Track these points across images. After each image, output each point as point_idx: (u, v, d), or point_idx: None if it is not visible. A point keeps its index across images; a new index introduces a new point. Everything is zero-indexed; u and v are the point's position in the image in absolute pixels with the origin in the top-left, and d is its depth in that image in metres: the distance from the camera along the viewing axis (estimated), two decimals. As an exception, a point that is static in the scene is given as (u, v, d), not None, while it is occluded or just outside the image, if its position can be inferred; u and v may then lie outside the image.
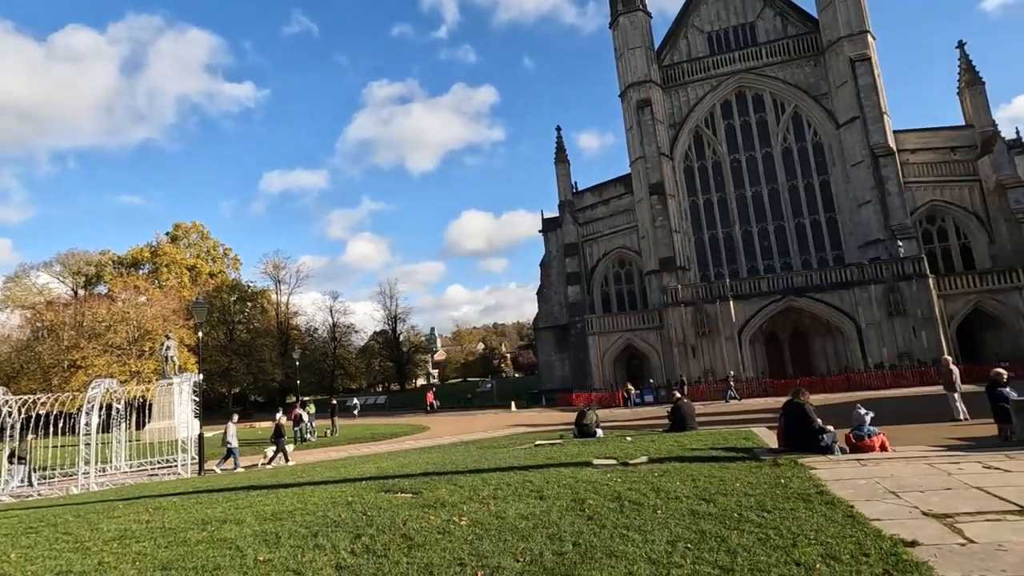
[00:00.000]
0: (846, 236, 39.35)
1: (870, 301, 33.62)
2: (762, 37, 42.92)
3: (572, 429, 14.01)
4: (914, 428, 15.86)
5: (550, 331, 46.97)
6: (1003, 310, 33.95)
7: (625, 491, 6.08)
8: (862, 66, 37.79)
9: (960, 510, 4.53)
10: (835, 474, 6.10)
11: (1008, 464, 5.80)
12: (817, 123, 40.69)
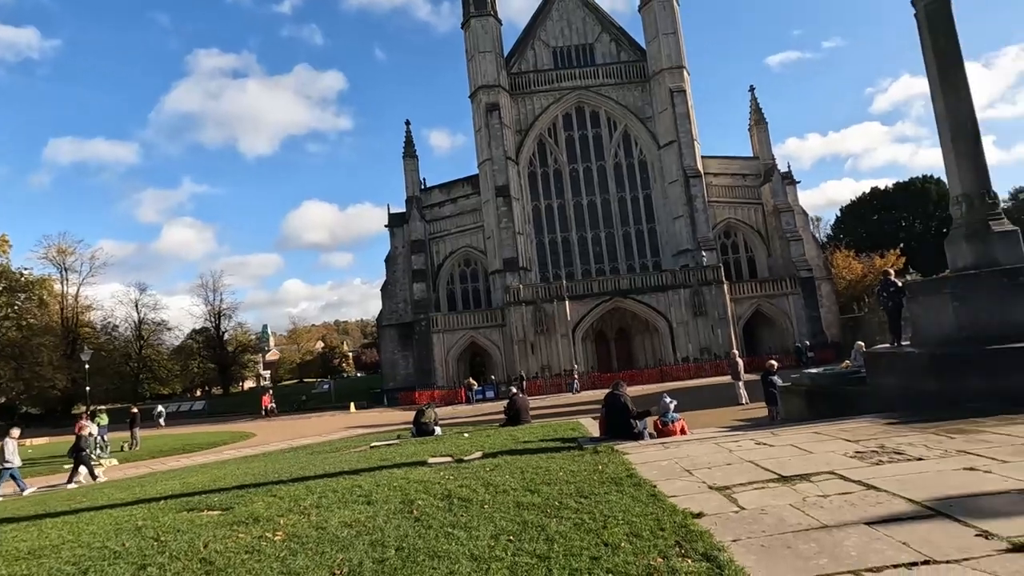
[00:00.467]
0: (663, 245, 44.50)
1: (680, 303, 38.41)
2: (599, 59, 46.68)
3: (411, 428, 13.78)
4: (710, 412, 18.40)
5: (394, 329, 45.96)
6: (775, 312, 41.18)
7: (456, 488, 6.07)
8: (679, 96, 43.04)
9: (736, 482, 5.28)
10: (643, 457, 6.76)
11: (772, 440, 6.93)
12: (643, 143, 45.40)
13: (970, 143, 9.27)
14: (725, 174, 45.42)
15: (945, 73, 9.32)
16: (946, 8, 9.39)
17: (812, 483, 5.00)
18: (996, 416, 6.90)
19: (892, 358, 9.40)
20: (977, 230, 9.04)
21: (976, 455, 5.27)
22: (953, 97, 9.32)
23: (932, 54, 9.51)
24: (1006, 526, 3.58)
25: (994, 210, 9.16)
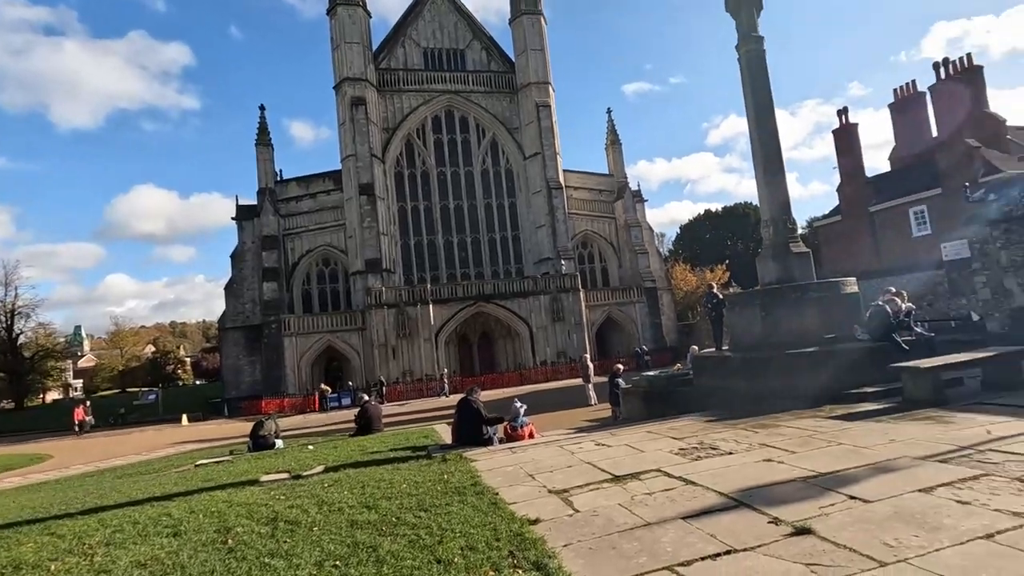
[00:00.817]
0: (526, 252, 45.99)
1: (540, 308, 39.92)
2: (470, 65, 47.08)
3: (248, 443, 12.47)
4: (563, 414, 19.22)
5: (240, 331, 41.84)
6: (624, 318, 44.60)
7: (285, 510, 5.50)
8: (544, 111, 44.91)
9: (575, 484, 5.42)
10: (491, 464, 6.72)
11: (610, 441, 7.30)
12: (510, 152, 46.60)
13: (777, 176, 10.74)
14: (584, 188, 48.31)
15: (759, 112, 10.70)
16: (762, 56, 10.81)
17: (641, 481, 5.29)
18: (791, 411, 7.97)
19: (712, 361, 10.53)
20: (780, 251, 10.48)
21: (773, 447, 5.99)
22: (766, 134, 10.73)
23: (750, 94, 10.88)
24: (791, 511, 4.05)
25: (793, 234, 10.70)
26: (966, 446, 5.25)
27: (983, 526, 3.47)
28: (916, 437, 5.79)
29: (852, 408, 7.76)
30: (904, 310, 9.96)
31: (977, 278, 17.17)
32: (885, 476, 4.64)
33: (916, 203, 31.08)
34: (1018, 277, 15.79)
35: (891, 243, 32.88)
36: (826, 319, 9.60)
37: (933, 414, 6.83)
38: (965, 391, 8.14)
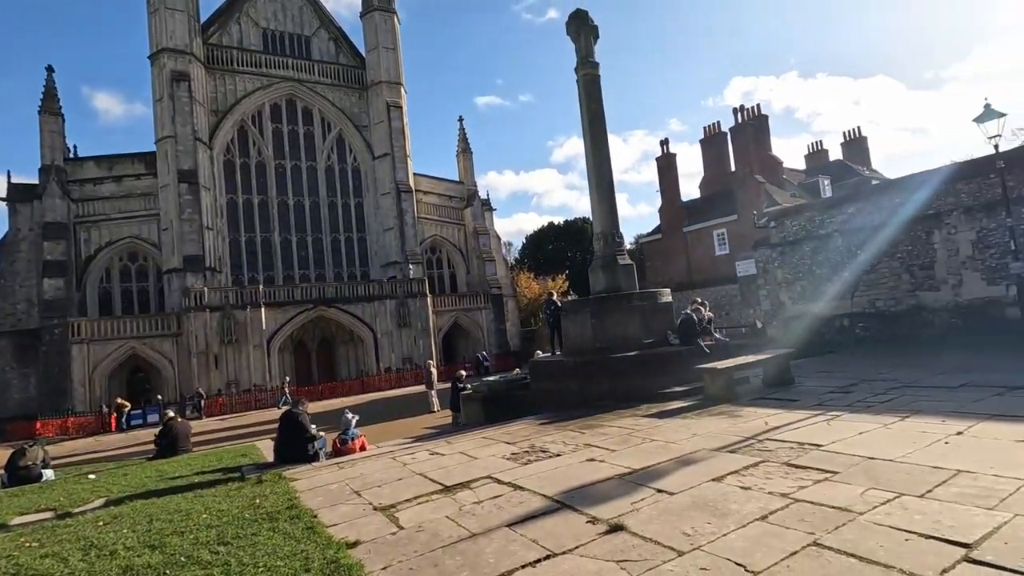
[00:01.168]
0: (373, 256, 44.38)
1: (386, 314, 38.72)
2: (316, 55, 44.32)
3: (1, 476, 10.02)
4: (403, 422, 18.70)
5: (8, 337, 34.13)
6: (471, 324, 45.19)
7: (34, 561, 4.40)
8: (395, 112, 43.90)
9: (403, 498, 5.14)
10: (313, 483, 6.15)
11: (445, 449, 7.14)
12: (358, 150, 44.69)
13: (608, 192, 11.60)
14: (434, 193, 48.12)
15: (594, 131, 11.47)
16: (597, 80, 11.61)
17: (471, 490, 5.19)
18: (614, 411, 8.56)
19: (548, 365, 10.98)
20: (609, 262, 11.30)
21: (596, 447, 6.32)
22: (599, 153, 11.53)
23: (586, 114, 11.62)
24: (608, 509, 4.23)
25: (621, 248, 11.62)
26: (749, 437, 6.02)
27: (760, 509, 3.94)
28: (712, 431, 6.52)
29: (665, 406, 8.58)
30: (707, 318, 11.36)
31: (761, 292, 20.42)
32: (687, 468, 5.10)
33: (718, 226, 36.17)
34: (790, 291, 19.08)
35: (700, 260, 37.81)
36: (646, 325, 10.56)
37: (727, 409, 7.80)
38: (751, 388, 9.48)
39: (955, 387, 7.65)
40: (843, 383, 8.98)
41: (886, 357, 12.03)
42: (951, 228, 14.96)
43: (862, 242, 16.88)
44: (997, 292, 14.12)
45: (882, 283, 16.38)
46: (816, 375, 10.29)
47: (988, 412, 6.01)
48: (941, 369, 9.45)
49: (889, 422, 6.06)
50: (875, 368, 10.37)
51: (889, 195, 16.58)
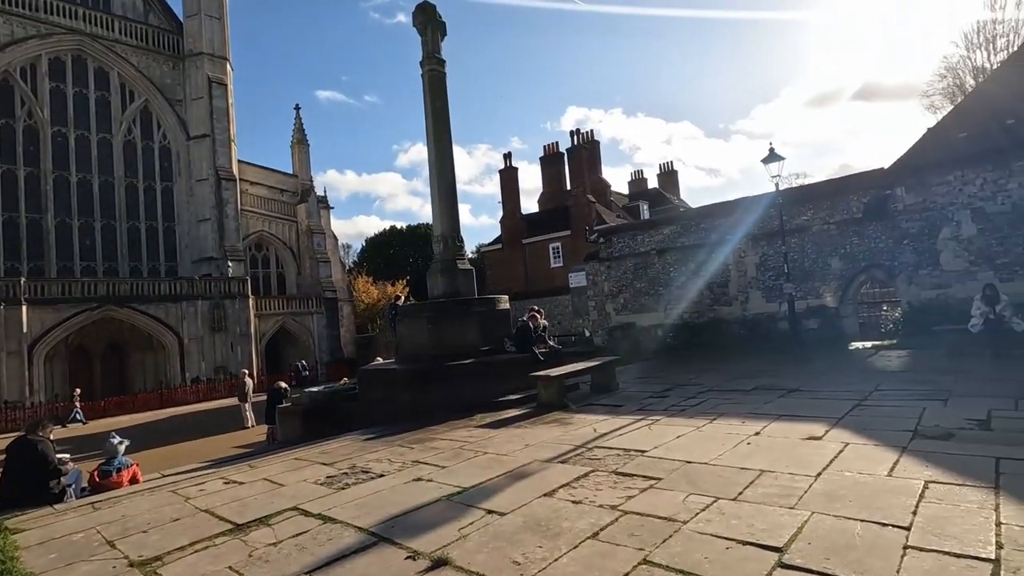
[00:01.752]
0: (183, 249, 38.75)
1: (196, 316, 33.92)
2: (118, 9, 37.69)
3: None
4: (209, 441, 16.23)
5: None
6: (300, 329, 41.72)
7: None
8: (219, 89, 39.03)
9: (176, 545, 4.07)
10: (50, 533, 4.67)
11: (246, 475, 6.01)
12: (168, 127, 38.81)
13: (450, 194, 11.20)
14: (263, 185, 43.68)
15: (437, 130, 11.02)
16: (442, 78, 11.20)
17: (269, 528, 4.30)
18: (448, 422, 8.10)
19: (379, 374, 10.17)
20: (448, 266, 10.89)
21: (425, 463, 5.78)
22: (442, 152, 11.09)
23: (430, 112, 11.12)
24: (431, 540, 3.71)
25: (461, 252, 11.29)
26: (580, 445, 5.98)
27: (591, 525, 3.74)
28: (545, 440, 6.39)
29: (500, 415, 8.36)
30: (542, 326, 11.52)
31: (590, 302, 21.79)
32: (519, 484, 4.81)
33: (554, 240, 38.21)
34: (615, 303, 20.61)
35: (537, 271, 39.54)
36: (484, 332, 10.32)
37: (559, 416, 7.81)
38: (581, 394, 9.73)
39: (749, 390, 8.60)
40: (659, 388, 9.65)
41: (693, 363, 13.38)
42: (741, 252, 17.35)
43: (675, 260, 18.84)
44: (773, 308, 16.65)
45: (690, 298, 18.40)
46: (637, 381, 10.98)
47: (776, 413, 6.74)
48: (736, 374, 10.68)
49: (700, 425, 6.48)
50: (685, 374, 11.39)
51: (696, 220, 18.76)
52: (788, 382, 8.97)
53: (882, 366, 10.33)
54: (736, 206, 17.99)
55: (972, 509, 3.44)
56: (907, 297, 14.55)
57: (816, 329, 15.70)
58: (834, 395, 7.60)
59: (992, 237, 13.48)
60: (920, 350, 11.79)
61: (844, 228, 15.50)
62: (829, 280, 15.73)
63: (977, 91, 17.63)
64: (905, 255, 14.55)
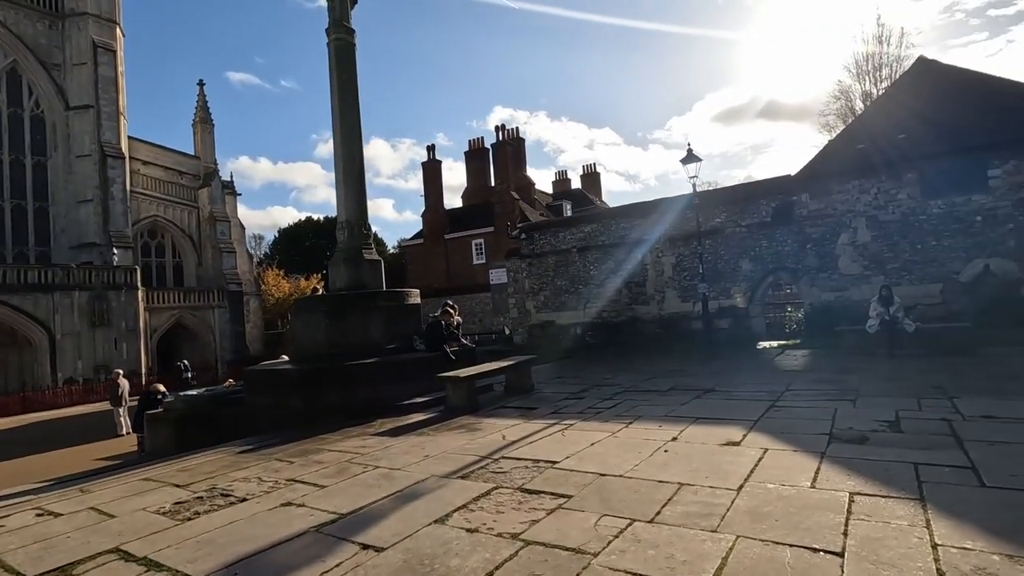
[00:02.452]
0: (58, 233, 34.37)
1: (72, 308, 30.12)
2: (-21, -47, 32.70)
3: None
4: (67, 453, 14.11)
5: None
6: (199, 324, 38.30)
7: None
8: (106, 56, 34.96)
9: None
10: None
11: (70, 502, 4.85)
12: (43, 94, 34.25)
13: (357, 176, 10.20)
14: (157, 165, 39.67)
15: (344, 104, 9.99)
16: (351, 48, 10.18)
17: (67, 581, 3.28)
18: (342, 430, 7.19)
19: (268, 375, 9.02)
20: (353, 255, 9.91)
21: (302, 483, 4.89)
22: (348, 129, 10.08)
23: (336, 86, 10.07)
24: (280, 593, 2.89)
25: (368, 240, 10.33)
26: (485, 456, 5.32)
27: (485, 561, 3.08)
28: (448, 449, 5.69)
29: (402, 420, 7.55)
30: (456, 323, 10.79)
31: (510, 300, 21.32)
32: (408, 507, 4.07)
33: (477, 236, 37.56)
34: (535, 301, 20.26)
35: (459, 267, 38.71)
36: (391, 329, 9.45)
37: (467, 421, 7.12)
38: (494, 396, 9.10)
39: (665, 391, 8.34)
40: (576, 389, 9.22)
41: (611, 362, 13.18)
42: (659, 252, 17.50)
43: (595, 259, 18.75)
44: (688, 308, 16.91)
45: (609, 296, 18.37)
46: (554, 381, 10.53)
47: (693, 415, 6.43)
48: (653, 374, 10.49)
49: (616, 430, 6.03)
50: (602, 373, 11.09)
51: (616, 219, 18.76)
52: (704, 382, 8.83)
53: (790, 365, 10.52)
54: (655, 207, 18.14)
55: (903, 527, 3.11)
56: (809, 299, 15.20)
57: (727, 329, 16.08)
58: (749, 395, 7.47)
59: (884, 244, 14.32)
60: (822, 349, 12.24)
61: (754, 231, 15.98)
62: (739, 281, 16.16)
63: (862, 115, 18.90)
64: (808, 258, 15.18)
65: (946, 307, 13.36)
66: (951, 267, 13.55)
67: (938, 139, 13.90)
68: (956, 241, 13.50)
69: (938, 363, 9.17)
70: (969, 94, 14.47)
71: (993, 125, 13.32)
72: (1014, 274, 12.89)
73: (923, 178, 13.94)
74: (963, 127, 13.68)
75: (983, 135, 13.31)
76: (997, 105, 13.69)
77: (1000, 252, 13.06)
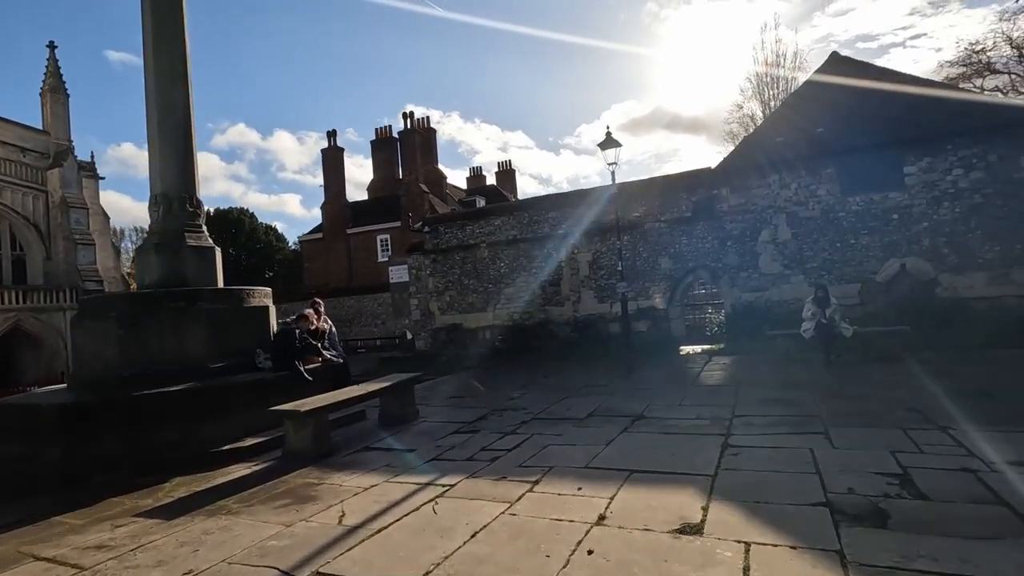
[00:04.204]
0: None
1: None
2: None
3: None
4: None
5: None
6: (46, 330, 32.27)
7: None
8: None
9: None
10: None
11: None
12: None
13: (180, 134, 7.52)
14: (-9, 139, 33.01)
15: (161, 33, 7.29)
16: (169, -42, 7.48)
17: None
18: (105, 500, 4.72)
19: (14, 412, 6.13)
20: (171, 240, 7.23)
21: None
22: (166, 70, 7.38)
23: (150, 14, 7.35)
24: None
25: (196, 221, 7.67)
26: (293, 567, 3.12)
27: None
28: (236, 553, 3.41)
29: (212, 478, 5.14)
30: (323, 329, 8.40)
31: (412, 300, 18.96)
32: None
33: (383, 231, 34.63)
34: (440, 301, 18.05)
35: (363, 264, 35.54)
36: (221, 340, 6.89)
37: (302, 480, 4.86)
38: (362, 429, 6.86)
39: (583, 418, 6.50)
40: (471, 416, 7.17)
41: (521, 373, 11.30)
42: (575, 249, 15.93)
43: (506, 255, 16.87)
44: (604, 309, 15.47)
45: (520, 296, 16.57)
46: (447, 404, 8.41)
47: (625, 466, 4.56)
48: (568, 389, 8.70)
49: (515, 497, 4.03)
50: (508, 390, 9.14)
51: (530, 212, 16.98)
52: (630, 403, 7.11)
53: (723, 378, 9.11)
54: (571, 198, 16.57)
55: None
56: (730, 299, 14.22)
57: (646, 332, 14.79)
58: (689, 424, 5.79)
59: (804, 242, 13.57)
60: (750, 356, 11.07)
61: (674, 227, 14.80)
62: (659, 280, 14.93)
63: (780, 109, 18.43)
64: (729, 256, 14.20)
65: (863, 308, 12.76)
66: (869, 267, 12.99)
67: (856, 134, 13.35)
68: (874, 240, 12.95)
69: (882, 373, 8.09)
70: (884, 90, 14.09)
71: (909, 121, 12.90)
72: (929, 274, 12.48)
73: (842, 174, 13.33)
74: (880, 123, 13.19)
75: (900, 131, 12.86)
76: (911, 102, 13.33)
77: (915, 251, 12.62)
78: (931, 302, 12.36)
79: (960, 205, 12.29)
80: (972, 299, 12.14)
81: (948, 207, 12.37)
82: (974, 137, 12.22)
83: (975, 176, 12.27)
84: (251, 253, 63.13)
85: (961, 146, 12.35)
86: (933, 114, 12.87)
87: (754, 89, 32.87)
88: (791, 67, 31.58)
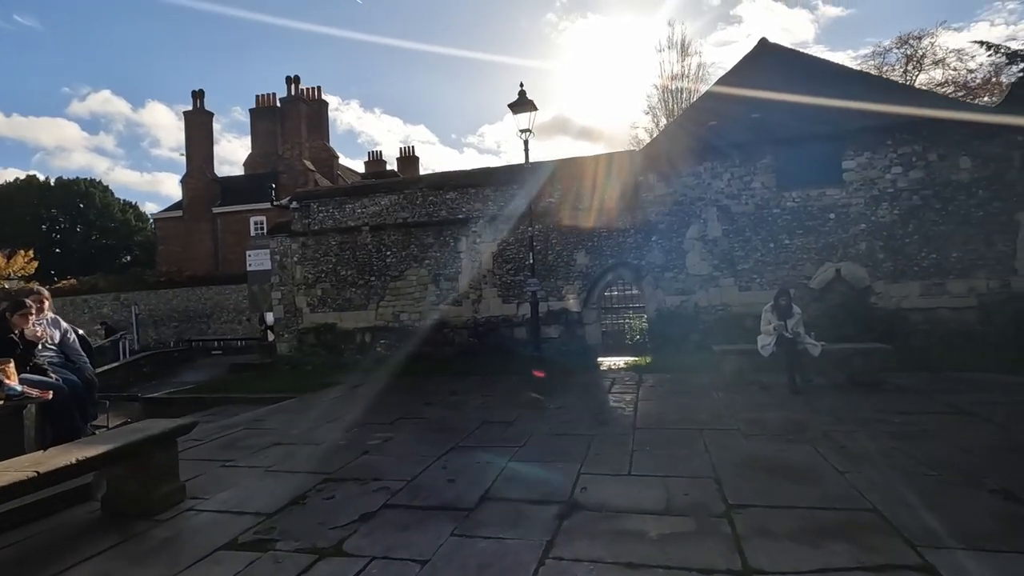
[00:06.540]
0: None
1: None
2: None
3: None
4: None
5: None
6: None
7: None
8: None
9: None
10: None
11: None
12: None
13: None
14: None
15: None
16: None
17: None
18: None
19: None
20: None
21: None
22: None
23: None
24: None
25: None
26: None
27: None
28: None
29: None
30: (40, 339, 4.96)
31: (275, 293, 15.27)
32: None
33: (257, 212, 29.80)
34: (310, 295, 14.58)
35: (232, 249, 30.44)
36: None
37: None
38: (73, 526, 3.63)
39: (474, 507, 3.76)
40: (284, 493, 4.18)
41: (396, 398, 8.39)
42: (477, 236, 13.28)
43: (393, 242, 13.83)
44: (510, 310, 12.99)
45: (409, 292, 13.62)
46: (261, 457, 5.32)
47: None
48: (459, 430, 5.97)
49: None
50: (370, 431, 6.21)
51: (424, 191, 14.03)
52: (549, 468, 4.51)
53: (672, 413, 6.80)
54: (474, 177, 13.87)
55: None
56: (654, 303, 12.26)
57: (557, 338, 12.49)
58: (653, 520, 3.28)
59: (735, 240, 11.91)
60: (687, 374, 8.96)
61: (594, 216, 12.60)
62: (573, 279, 12.68)
63: (710, 92, 17.01)
64: (653, 253, 12.24)
65: (795, 317, 11.29)
66: (803, 271, 11.55)
67: (793, 122, 11.86)
68: (809, 240, 11.53)
69: (873, 406, 6.17)
70: (822, 79, 12.80)
71: (850, 113, 11.59)
72: (864, 281, 11.22)
73: (778, 165, 11.79)
74: (818, 112, 11.79)
75: (840, 122, 11.51)
76: (849, 93, 12.08)
77: (851, 256, 11.33)
78: (865, 312, 11.12)
79: (899, 206, 11.14)
80: (907, 310, 11.05)
81: (887, 208, 11.18)
82: (915, 133, 11.14)
83: (914, 176, 11.17)
84: (104, 233, 53.96)
85: (902, 142, 11.21)
86: (874, 105, 11.65)
87: (659, 97, 32.06)
88: (694, 79, 31.11)
